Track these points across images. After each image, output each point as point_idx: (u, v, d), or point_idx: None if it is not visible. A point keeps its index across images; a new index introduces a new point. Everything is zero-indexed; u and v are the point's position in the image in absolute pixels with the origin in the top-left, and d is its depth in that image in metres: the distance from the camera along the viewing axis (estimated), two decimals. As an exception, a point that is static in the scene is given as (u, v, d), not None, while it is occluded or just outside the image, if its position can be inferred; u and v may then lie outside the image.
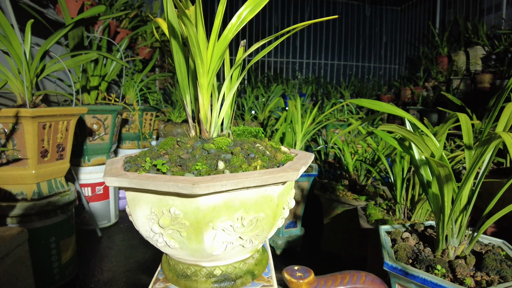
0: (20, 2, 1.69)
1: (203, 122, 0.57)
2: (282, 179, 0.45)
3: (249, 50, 0.55)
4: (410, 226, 0.97)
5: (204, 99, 0.55)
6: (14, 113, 1.10)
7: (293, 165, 0.49)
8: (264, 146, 0.56)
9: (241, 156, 0.50)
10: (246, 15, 0.54)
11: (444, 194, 0.70)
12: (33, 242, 1.21)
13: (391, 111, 0.80)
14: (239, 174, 0.44)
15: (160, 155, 0.52)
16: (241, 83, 5.07)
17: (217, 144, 0.52)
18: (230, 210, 0.45)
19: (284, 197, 0.52)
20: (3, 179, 1.20)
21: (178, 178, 0.43)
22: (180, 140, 0.57)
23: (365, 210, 1.35)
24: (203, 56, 0.51)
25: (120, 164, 0.54)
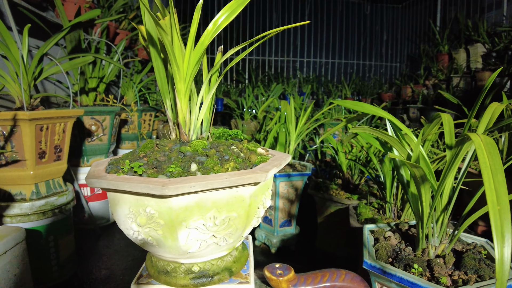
0: (19, 6, 1.73)
1: (181, 125, 0.59)
2: (251, 180, 0.47)
3: (226, 55, 0.57)
4: (395, 226, 0.99)
5: (182, 104, 0.57)
6: (12, 116, 1.14)
7: (264, 167, 0.52)
8: (240, 148, 0.58)
9: (215, 158, 0.52)
10: (222, 22, 0.56)
11: (422, 194, 0.72)
12: (32, 240, 1.24)
13: (373, 112, 0.82)
14: (208, 176, 0.46)
15: (139, 157, 0.55)
16: (241, 82, 5.09)
17: (193, 146, 0.55)
18: (202, 210, 0.48)
19: (258, 197, 0.55)
20: (2, 180, 1.23)
21: (151, 180, 0.45)
22: (160, 143, 0.60)
23: (356, 209, 1.37)
24: (179, 63, 0.53)
25: (103, 166, 0.57)
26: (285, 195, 1.63)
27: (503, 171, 0.51)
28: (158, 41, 0.55)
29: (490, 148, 0.53)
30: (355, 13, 5.45)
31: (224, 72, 0.60)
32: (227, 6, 0.56)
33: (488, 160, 0.52)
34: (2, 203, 1.21)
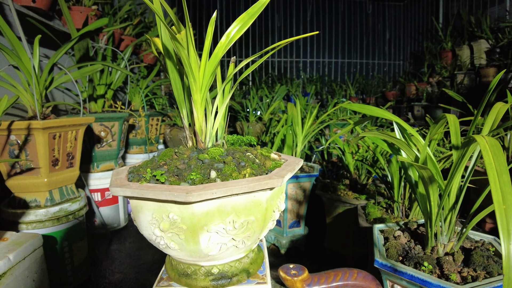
0: (27, 16, 1.77)
1: (198, 133, 0.61)
2: (268, 185, 0.50)
3: (239, 66, 0.60)
4: (404, 225, 1.01)
5: (199, 113, 0.59)
6: (26, 125, 1.17)
7: (279, 172, 0.54)
8: (255, 155, 0.60)
9: (232, 165, 0.54)
10: (234, 34, 0.58)
11: (430, 194, 0.74)
12: (47, 246, 1.27)
13: (381, 115, 0.84)
14: (228, 183, 0.48)
15: (159, 165, 0.57)
16: (245, 84, 5.12)
17: (210, 154, 0.57)
18: (222, 214, 0.50)
19: (273, 201, 0.57)
20: (17, 188, 1.26)
21: (174, 187, 0.48)
22: (178, 151, 0.62)
23: (365, 209, 1.39)
24: (195, 75, 0.55)
25: (124, 174, 0.59)
26: (294, 197, 1.65)
27: (508, 172, 0.53)
28: (174, 54, 0.58)
29: (495, 150, 0.55)
30: (357, 12, 5.46)
31: (238, 82, 0.62)
32: (239, 19, 0.58)
33: (494, 161, 0.54)
34: (17, 210, 1.25)
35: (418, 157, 0.74)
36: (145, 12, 3.03)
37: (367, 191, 1.62)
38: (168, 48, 0.57)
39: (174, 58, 0.58)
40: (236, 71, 0.64)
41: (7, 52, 1.28)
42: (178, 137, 2.44)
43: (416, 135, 0.79)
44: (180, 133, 2.44)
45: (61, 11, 2.07)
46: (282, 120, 1.71)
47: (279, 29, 5.24)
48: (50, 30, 1.97)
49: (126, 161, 2.39)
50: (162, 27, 0.55)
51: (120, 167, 0.65)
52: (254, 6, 0.59)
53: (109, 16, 2.46)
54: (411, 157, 0.74)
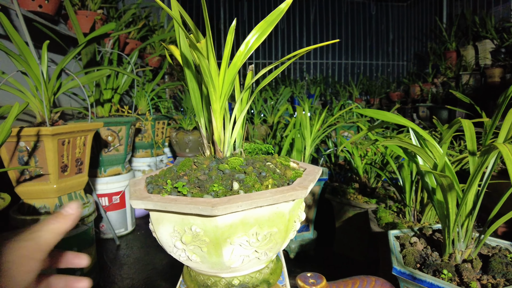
0: (34, 21, 1.77)
1: (217, 143, 0.61)
2: (292, 197, 0.49)
3: (257, 76, 0.59)
4: (418, 230, 1.00)
5: (218, 122, 0.59)
6: (35, 132, 1.17)
7: (302, 183, 0.53)
8: (274, 164, 0.59)
9: (253, 175, 0.54)
10: (253, 43, 0.57)
11: (448, 201, 0.73)
12: (57, 253, 1.27)
13: (396, 121, 0.83)
14: (252, 195, 0.48)
15: (179, 176, 0.56)
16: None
17: (231, 164, 0.56)
18: (245, 226, 0.49)
19: (295, 212, 0.56)
20: (26, 194, 1.26)
21: (198, 200, 0.47)
22: (197, 161, 0.61)
23: (375, 213, 1.38)
24: (216, 84, 0.55)
25: (142, 185, 0.58)
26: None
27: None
28: (193, 63, 0.57)
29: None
30: (360, 13, 5.45)
31: (257, 91, 0.61)
32: (258, 26, 0.57)
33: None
34: (27, 217, 1.24)
35: (436, 164, 0.73)
36: (149, 15, 3.03)
37: (377, 194, 1.60)
38: (187, 56, 0.56)
39: (193, 67, 0.57)
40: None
41: (15, 57, 1.28)
42: (184, 140, 2.43)
43: (432, 141, 0.78)
44: (186, 136, 2.43)
45: (67, 15, 2.07)
46: (291, 124, 1.70)
47: (282, 31, 5.23)
48: (56, 34, 1.97)
49: (133, 165, 2.38)
50: (182, 36, 0.55)
51: (135, 178, 0.64)
52: (272, 14, 0.58)
53: (114, 19, 2.46)
54: (430, 164, 0.73)
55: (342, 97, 4.85)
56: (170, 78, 3.98)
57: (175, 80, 4.00)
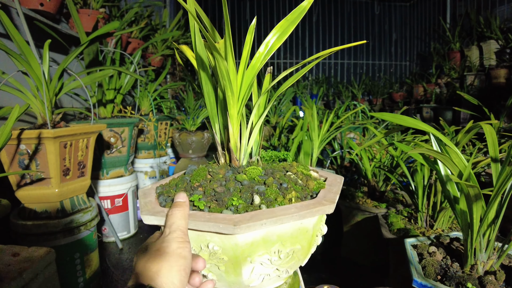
0: (35, 20, 1.73)
1: (233, 151, 0.57)
2: (320, 212, 0.45)
3: (277, 79, 0.55)
4: (435, 239, 0.96)
5: (234, 129, 0.55)
6: (36, 134, 1.13)
7: (327, 196, 0.49)
8: (295, 173, 0.56)
9: (274, 187, 0.50)
10: (273, 43, 0.54)
11: (473, 211, 0.70)
12: (58, 258, 1.23)
13: (416, 126, 0.79)
14: (276, 210, 0.44)
15: (194, 187, 0.53)
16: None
17: (249, 174, 0.52)
18: (267, 244, 0.46)
19: (318, 226, 0.52)
20: (27, 198, 1.22)
21: (218, 217, 0.43)
22: (212, 170, 0.57)
23: (386, 218, 1.34)
24: (234, 88, 0.51)
25: (153, 197, 0.55)
26: (309, 204, 1.60)
27: None
28: (208, 65, 0.53)
29: None
30: (363, 13, 5.41)
31: (275, 96, 0.58)
32: (278, 26, 0.53)
33: None
34: (28, 222, 1.20)
35: (461, 173, 0.69)
36: (152, 14, 2.99)
37: (386, 198, 1.57)
38: (202, 58, 0.52)
39: (209, 69, 0.53)
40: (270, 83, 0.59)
41: (15, 57, 1.23)
42: (187, 141, 2.39)
43: (454, 148, 0.74)
44: (189, 137, 2.39)
45: (69, 14, 2.03)
46: (298, 126, 1.66)
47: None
48: (58, 33, 1.93)
49: (135, 166, 2.35)
50: (197, 35, 0.51)
51: (145, 187, 0.60)
52: (294, 12, 0.55)
53: (117, 18, 2.42)
54: (454, 172, 0.69)
55: (344, 97, 4.81)
56: (172, 78, 3.94)
57: (177, 80, 3.96)
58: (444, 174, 0.78)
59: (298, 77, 0.53)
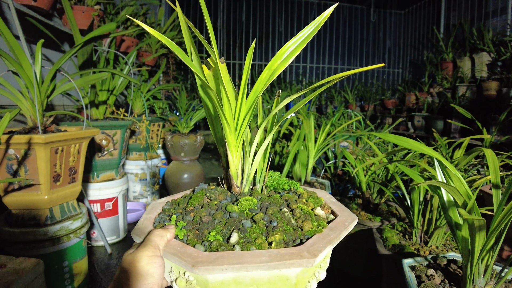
0: (27, 16, 1.67)
1: (233, 177, 0.55)
2: (293, 266, 0.41)
3: (281, 104, 0.53)
4: (432, 259, 0.96)
5: (233, 155, 0.53)
6: (26, 140, 1.09)
7: (315, 246, 0.44)
8: (293, 209, 0.52)
9: (261, 225, 0.47)
10: (278, 66, 0.52)
11: (475, 240, 0.69)
12: (46, 267, 1.19)
13: (418, 149, 0.79)
14: (245, 256, 0.41)
15: (187, 211, 0.52)
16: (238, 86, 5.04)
17: (240, 206, 0.51)
18: (240, 286, 0.43)
19: (308, 273, 0.47)
20: (15, 205, 1.18)
21: (186, 252, 0.42)
22: (210, 195, 0.56)
23: (380, 232, 1.34)
24: (228, 117, 0.49)
25: (155, 214, 0.55)
26: (303, 215, 1.59)
27: None
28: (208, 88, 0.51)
29: None
30: (358, 19, 5.43)
31: (281, 121, 0.56)
32: (285, 47, 0.52)
33: None
34: (15, 230, 1.16)
35: (465, 202, 0.68)
36: (147, 12, 2.93)
37: (380, 211, 1.57)
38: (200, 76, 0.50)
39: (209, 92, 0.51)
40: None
41: (5, 56, 1.18)
42: (179, 144, 2.36)
43: (458, 175, 0.73)
44: (182, 140, 2.36)
45: (63, 9, 1.97)
46: (295, 136, 1.64)
47: (280, 34, 5.17)
48: (50, 29, 1.87)
49: (125, 167, 2.30)
50: (195, 61, 0.49)
51: (157, 201, 0.59)
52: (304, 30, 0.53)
53: (112, 16, 2.36)
54: (459, 201, 0.68)
55: (337, 102, 4.83)
56: (164, 77, 3.89)
57: (170, 79, 3.91)
58: (447, 200, 0.77)
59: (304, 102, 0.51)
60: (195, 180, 2.44)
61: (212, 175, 3.46)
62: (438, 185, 0.65)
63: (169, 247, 0.44)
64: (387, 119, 4.54)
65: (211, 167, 3.76)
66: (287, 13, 5.21)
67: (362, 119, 2.61)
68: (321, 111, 4.87)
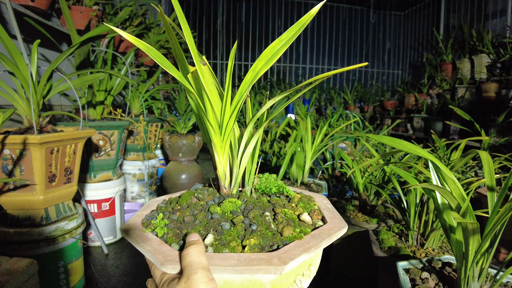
0: (25, 16, 1.67)
1: (220, 179, 0.55)
2: (261, 272, 0.40)
3: (265, 106, 0.53)
4: (427, 262, 0.96)
5: (220, 157, 0.53)
6: (21, 140, 1.08)
7: (286, 253, 0.43)
8: (275, 214, 0.51)
9: (239, 228, 0.47)
10: (261, 68, 0.51)
11: (469, 243, 0.69)
12: (41, 267, 1.19)
13: (413, 151, 0.78)
14: (214, 258, 0.41)
15: (175, 210, 0.53)
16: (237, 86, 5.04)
17: (223, 208, 0.51)
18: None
19: (286, 281, 0.46)
20: (10, 205, 1.18)
21: (160, 250, 0.43)
22: (198, 195, 0.56)
23: (377, 234, 1.34)
24: (211, 119, 0.49)
25: (148, 210, 0.56)
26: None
27: None
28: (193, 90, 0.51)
29: None
30: (358, 20, 5.43)
31: (267, 121, 0.55)
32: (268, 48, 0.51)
33: None
34: (10, 230, 1.16)
35: (459, 205, 0.68)
36: (146, 12, 2.93)
37: (376, 213, 1.56)
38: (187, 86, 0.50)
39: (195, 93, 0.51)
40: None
41: (1, 57, 1.18)
42: (177, 144, 2.36)
43: (453, 178, 0.73)
44: (180, 140, 2.36)
45: (61, 10, 1.97)
46: (292, 138, 1.64)
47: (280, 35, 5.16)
48: (48, 29, 1.87)
49: (123, 168, 2.30)
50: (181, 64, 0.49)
51: (154, 199, 0.60)
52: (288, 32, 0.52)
53: (110, 16, 2.36)
54: (452, 205, 0.68)
55: (336, 103, 4.83)
56: (163, 77, 3.89)
57: (169, 79, 3.91)
58: (441, 202, 0.77)
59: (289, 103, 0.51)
60: (193, 180, 2.43)
61: (211, 176, 3.46)
62: (432, 187, 0.64)
63: (147, 243, 0.44)
64: (387, 120, 4.54)
65: (209, 168, 3.76)
66: (286, 14, 5.20)
67: (360, 120, 2.60)
68: (320, 112, 4.87)
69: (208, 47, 4.88)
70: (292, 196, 0.58)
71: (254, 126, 0.58)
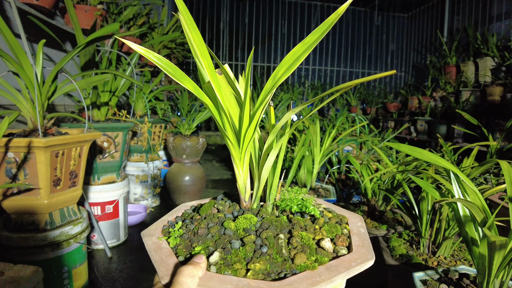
0: (29, 15, 1.64)
1: (240, 192, 0.53)
2: None
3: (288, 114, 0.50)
4: (443, 273, 0.93)
5: (239, 169, 0.51)
6: (26, 143, 1.06)
7: (290, 286, 0.38)
8: (290, 238, 0.47)
9: (249, 248, 0.44)
10: (281, 76, 0.49)
11: (494, 258, 0.66)
12: (45, 273, 1.16)
13: (433, 161, 0.76)
14: (213, 279, 0.39)
15: (194, 220, 0.51)
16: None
17: (238, 224, 0.48)
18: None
19: None
20: (14, 209, 1.15)
21: (161, 262, 0.42)
22: (218, 206, 0.53)
23: (387, 241, 1.31)
24: (230, 136, 0.47)
25: (173, 217, 0.55)
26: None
27: None
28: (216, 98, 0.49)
29: None
30: (361, 22, 5.41)
31: (295, 126, 0.53)
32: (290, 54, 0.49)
33: None
34: (13, 235, 1.13)
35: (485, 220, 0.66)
36: (150, 12, 2.91)
37: (385, 218, 1.54)
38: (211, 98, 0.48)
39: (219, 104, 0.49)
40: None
41: (5, 57, 1.15)
42: (181, 146, 2.33)
43: (476, 190, 0.71)
44: (184, 142, 2.33)
45: (65, 8, 1.95)
46: (300, 141, 1.62)
47: (283, 36, 5.15)
48: (53, 29, 1.85)
49: (126, 169, 2.27)
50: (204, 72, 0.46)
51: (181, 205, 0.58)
52: (312, 34, 0.50)
53: (114, 15, 2.34)
54: (478, 218, 0.66)
55: (339, 105, 4.80)
56: (167, 77, 3.86)
57: (172, 79, 3.88)
58: (463, 214, 0.75)
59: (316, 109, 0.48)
60: (197, 182, 2.41)
61: (214, 177, 3.43)
62: (460, 202, 0.62)
63: (158, 252, 0.44)
64: (390, 122, 4.52)
65: (212, 169, 3.73)
66: (290, 14, 5.18)
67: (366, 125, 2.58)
68: (322, 113, 4.84)
69: (211, 48, 4.83)
70: (317, 217, 0.53)
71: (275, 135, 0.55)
